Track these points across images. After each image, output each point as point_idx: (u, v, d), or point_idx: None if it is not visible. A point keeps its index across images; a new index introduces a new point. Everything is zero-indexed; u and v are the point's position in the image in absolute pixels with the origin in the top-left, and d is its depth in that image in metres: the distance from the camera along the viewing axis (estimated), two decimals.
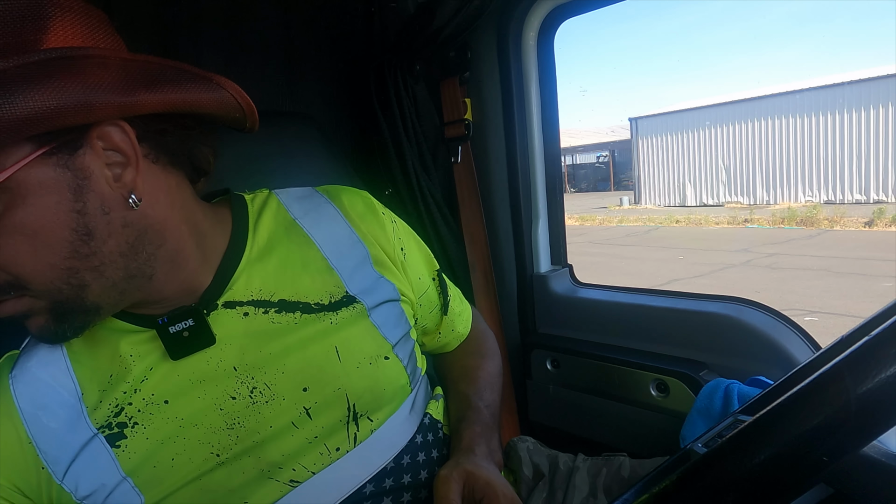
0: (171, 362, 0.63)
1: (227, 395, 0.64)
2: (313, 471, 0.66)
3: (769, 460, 0.36)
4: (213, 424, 0.63)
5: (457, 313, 0.92)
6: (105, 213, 0.56)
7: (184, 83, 0.57)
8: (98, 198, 0.56)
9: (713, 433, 0.55)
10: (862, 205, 13.31)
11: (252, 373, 0.65)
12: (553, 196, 1.38)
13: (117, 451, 0.61)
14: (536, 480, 0.90)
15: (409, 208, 1.36)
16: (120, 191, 0.57)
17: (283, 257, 0.71)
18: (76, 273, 0.56)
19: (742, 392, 0.95)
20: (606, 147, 27.34)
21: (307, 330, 0.68)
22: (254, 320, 0.66)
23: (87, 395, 0.62)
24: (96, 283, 0.57)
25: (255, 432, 0.64)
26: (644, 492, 0.44)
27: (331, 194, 0.79)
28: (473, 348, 0.95)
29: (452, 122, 1.36)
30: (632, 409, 1.17)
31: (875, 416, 0.34)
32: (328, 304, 0.70)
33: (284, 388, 0.66)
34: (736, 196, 16.22)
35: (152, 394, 0.62)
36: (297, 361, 0.66)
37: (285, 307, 0.68)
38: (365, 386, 0.69)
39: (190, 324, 0.63)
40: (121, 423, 0.61)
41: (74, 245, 0.55)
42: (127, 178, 0.57)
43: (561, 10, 1.24)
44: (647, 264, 8.65)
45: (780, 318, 1.05)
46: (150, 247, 0.60)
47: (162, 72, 0.56)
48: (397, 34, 1.31)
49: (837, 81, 14.38)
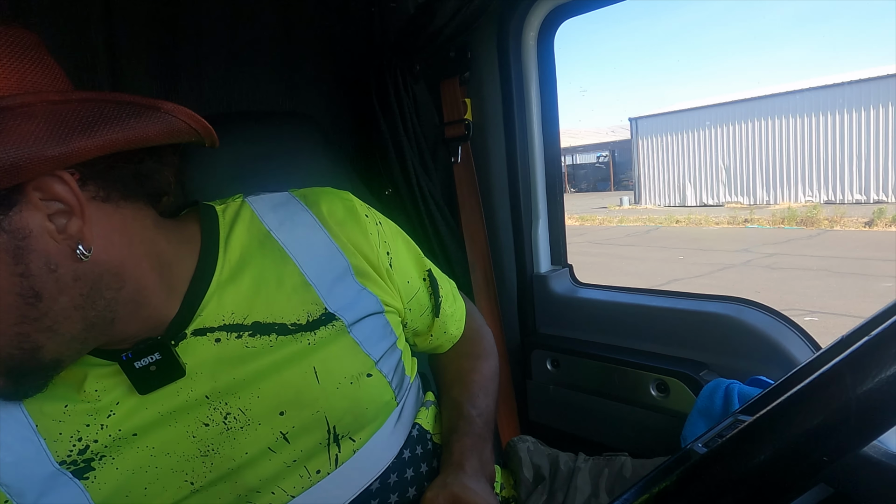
0: (137, 396, 0.60)
1: (199, 422, 0.61)
2: (293, 494, 0.64)
3: (769, 460, 0.36)
4: (186, 452, 0.61)
5: (449, 314, 0.88)
6: (52, 270, 0.51)
7: (125, 119, 0.51)
8: (41, 256, 0.51)
9: (713, 433, 0.55)
10: (862, 205, 13.31)
11: (225, 399, 0.62)
12: (553, 196, 1.38)
13: (86, 482, 0.58)
14: (537, 481, 0.90)
15: (409, 208, 1.36)
16: (66, 243, 0.52)
17: (257, 275, 0.66)
18: (27, 337, 0.52)
19: (742, 392, 0.95)
20: (606, 147, 27.34)
21: (283, 352, 0.64)
22: (226, 346, 0.63)
23: (41, 427, 0.58)
24: (51, 342, 0.53)
25: (230, 459, 0.62)
26: (644, 492, 0.44)
27: (308, 200, 0.73)
28: (468, 349, 0.92)
29: (452, 123, 1.36)
30: (632, 409, 1.17)
31: (875, 416, 0.34)
32: (306, 324, 0.66)
33: (260, 413, 0.63)
34: (736, 196, 16.22)
35: (119, 429, 0.59)
36: (272, 385, 0.63)
37: (259, 330, 0.64)
38: (345, 407, 0.66)
39: (157, 357, 0.59)
40: (87, 460, 0.58)
41: (21, 310, 0.51)
42: (72, 229, 0.52)
43: (561, 10, 1.24)
44: (648, 264, 8.65)
45: (780, 319, 1.05)
46: (109, 292, 0.56)
47: (100, 110, 0.50)
48: (397, 34, 1.31)
49: (837, 81, 14.38)
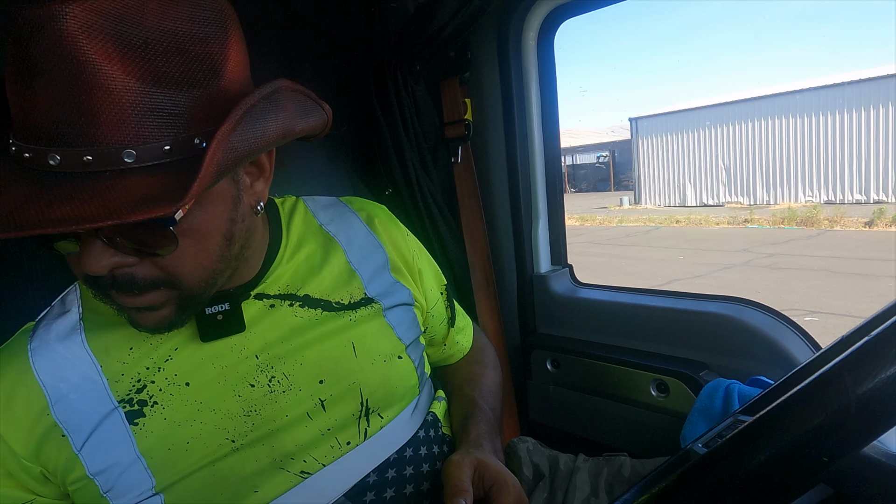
0: (195, 345, 0.65)
1: (246, 381, 0.66)
2: (324, 463, 0.68)
3: (769, 460, 0.36)
4: (231, 410, 0.65)
5: (460, 328, 0.96)
6: (242, 220, 0.62)
7: (312, 110, 0.62)
8: (244, 206, 0.62)
9: (713, 433, 0.55)
10: (862, 205, 13.31)
11: (272, 362, 0.67)
12: (553, 196, 1.38)
13: (135, 428, 0.62)
14: (537, 481, 0.90)
15: (409, 208, 1.36)
16: (252, 198, 0.63)
17: (310, 257, 0.75)
18: (214, 274, 0.60)
19: (742, 392, 0.95)
20: (606, 147, 27.35)
21: (327, 326, 0.71)
22: (279, 312, 0.69)
23: (105, 367, 0.63)
24: (219, 280, 0.62)
25: (270, 420, 0.66)
26: (644, 492, 0.44)
27: (354, 205, 0.84)
28: (477, 357, 0.99)
29: (452, 123, 1.36)
30: (632, 409, 1.17)
31: (875, 416, 0.34)
32: (348, 304, 0.73)
33: (302, 379, 0.68)
34: (736, 196, 16.22)
35: (175, 374, 0.64)
36: (315, 354, 0.69)
37: (308, 303, 0.71)
38: (378, 382, 0.72)
39: (225, 307, 0.65)
40: (141, 401, 0.62)
41: (222, 250, 0.59)
42: (258, 188, 0.64)
43: (561, 10, 1.24)
44: (648, 264, 8.65)
45: (780, 319, 1.05)
46: (247, 249, 0.65)
47: (304, 100, 0.62)
48: (397, 34, 1.31)
49: (837, 81, 14.38)
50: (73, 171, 0.48)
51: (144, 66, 0.49)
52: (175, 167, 0.50)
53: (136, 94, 0.49)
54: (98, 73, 0.47)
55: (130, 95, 0.48)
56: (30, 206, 0.46)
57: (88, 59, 0.47)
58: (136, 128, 0.49)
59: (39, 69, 0.47)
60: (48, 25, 0.46)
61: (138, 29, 0.49)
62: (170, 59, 0.50)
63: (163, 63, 0.50)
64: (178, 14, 0.51)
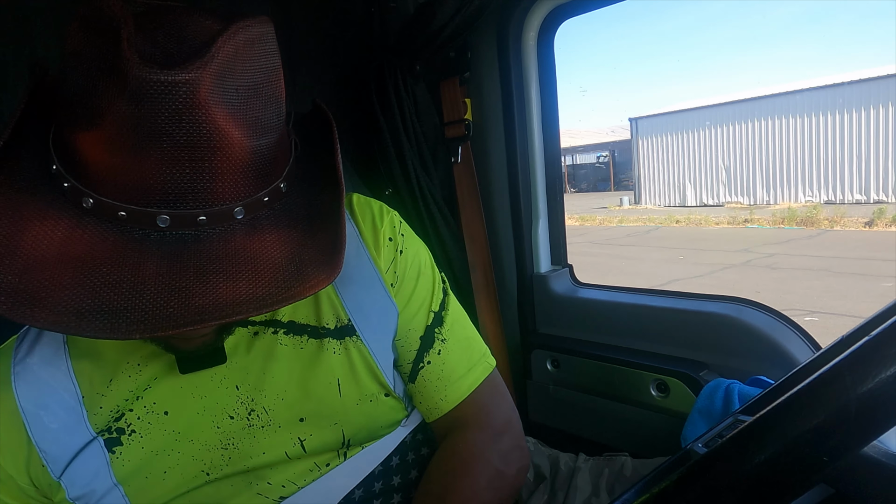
0: (176, 374, 0.62)
1: (225, 413, 0.64)
2: (301, 485, 0.66)
3: (769, 460, 0.36)
4: (209, 442, 0.63)
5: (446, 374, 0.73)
6: None
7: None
8: None
9: (713, 433, 0.55)
10: (862, 205, 13.31)
11: (252, 394, 0.64)
12: (553, 196, 1.38)
13: (112, 456, 0.61)
14: (538, 481, 0.90)
15: (409, 208, 1.36)
16: None
17: None
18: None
19: (742, 392, 0.95)
20: (606, 147, 27.34)
21: (312, 357, 0.66)
22: (261, 340, 0.65)
23: (87, 398, 0.62)
24: None
25: (247, 456, 0.64)
26: (644, 492, 0.44)
27: (353, 211, 0.72)
28: (461, 462, 0.70)
29: (452, 123, 1.36)
30: (632, 409, 1.17)
31: (875, 416, 0.34)
32: (333, 329, 0.67)
33: (282, 416, 0.65)
34: (736, 196, 16.22)
35: (154, 402, 0.62)
36: (297, 391, 0.65)
37: (294, 329, 0.67)
38: (362, 423, 0.68)
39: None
40: (119, 429, 0.61)
41: None
42: None
43: (561, 10, 1.24)
44: (648, 264, 8.65)
45: (780, 319, 1.05)
46: None
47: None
48: (397, 34, 1.31)
49: (837, 81, 14.38)
50: (182, 231, 0.48)
51: (248, 121, 0.49)
52: (273, 217, 0.52)
53: (248, 151, 0.49)
54: (223, 136, 0.47)
55: (245, 154, 0.49)
56: (183, 286, 0.46)
57: (217, 127, 0.47)
58: (243, 183, 0.50)
59: (162, 131, 0.45)
60: (177, 90, 0.45)
61: (236, 81, 0.49)
62: (266, 107, 0.51)
63: (259, 113, 0.50)
64: (254, 54, 0.51)
